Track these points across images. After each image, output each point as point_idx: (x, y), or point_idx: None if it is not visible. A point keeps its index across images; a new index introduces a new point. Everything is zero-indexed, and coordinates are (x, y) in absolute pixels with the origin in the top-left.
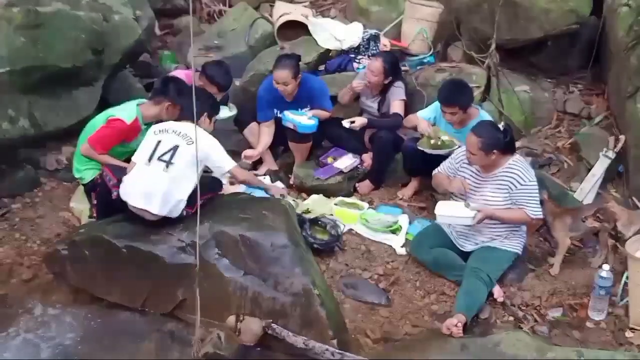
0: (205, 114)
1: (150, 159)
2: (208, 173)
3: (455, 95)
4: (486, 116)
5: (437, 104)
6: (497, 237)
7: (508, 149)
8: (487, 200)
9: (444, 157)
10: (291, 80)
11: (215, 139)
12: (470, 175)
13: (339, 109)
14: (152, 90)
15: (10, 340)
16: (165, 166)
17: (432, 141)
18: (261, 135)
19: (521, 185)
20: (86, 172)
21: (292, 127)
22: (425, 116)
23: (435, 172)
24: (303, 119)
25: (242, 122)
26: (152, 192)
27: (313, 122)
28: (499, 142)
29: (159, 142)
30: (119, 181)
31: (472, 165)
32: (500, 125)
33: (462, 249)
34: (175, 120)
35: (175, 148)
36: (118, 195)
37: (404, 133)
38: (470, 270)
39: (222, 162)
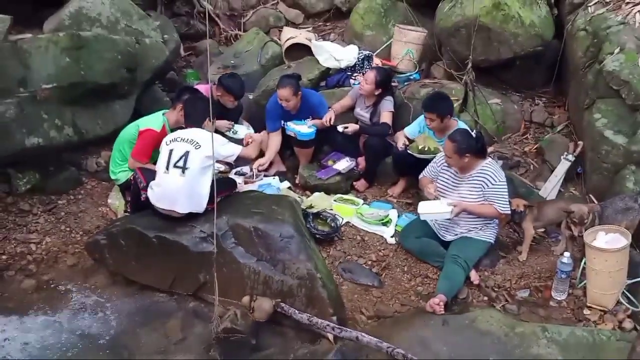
0: (207, 119)
1: (167, 167)
2: (223, 173)
3: (435, 104)
4: (464, 127)
5: (421, 118)
6: (473, 229)
7: (480, 152)
8: (463, 197)
9: (428, 161)
10: (292, 97)
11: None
12: (450, 176)
13: (337, 118)
14: (172, 99)
15: (57, 317)
16: (182, 171)
17: (420, 146)
18: (270, 143)
19: (492, 184)
20: (120, 174)
21: (293, 135)
22: (412, 130)
23: (421, 175)
24: (302, 128)
25: (255, 129)
26: (175, 195)
27: (311, 131)
28: (471, 146)
29: (172, 150)
30: (148, 184)
31: (450, 167)
32: (473, 133)
33: (443, 239)
34: (183, 127)
35: (186, 154)
36: (146, 197)
37: (392, 140)
38: (450, 257)
39: (230, 151)
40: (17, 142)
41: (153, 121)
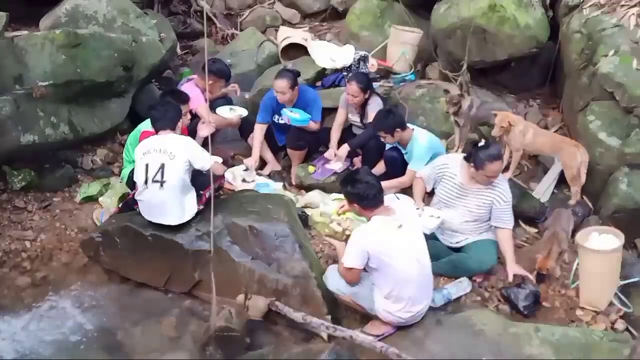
0: (180, 121)
1: (146, 182)
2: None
3: (378, 123)
4: (420, 133)
5: (434, 160)
6: (478, 233)
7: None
8: (471, 210)
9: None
10: (288, 90)
11: (194, 140)
12: (453, 186)
13: (332, 120)
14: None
15: (51, 315)
16: (160, 185)
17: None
18: (255, 135)
19: (504, 202)
20: (125, 173)
21: (286, 121)
22: (426, 173)
23: (418, 174)
24: (296, 115)
25: (246, 130)
26: (162, 210)
27: (303, 117)
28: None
29: (147, 164)
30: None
31: (455, 177)
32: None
33: (451, 245)
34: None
35: (162, 167)
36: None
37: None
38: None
39: (202, 163)
40: (12, 140)
41: (149, 125)
